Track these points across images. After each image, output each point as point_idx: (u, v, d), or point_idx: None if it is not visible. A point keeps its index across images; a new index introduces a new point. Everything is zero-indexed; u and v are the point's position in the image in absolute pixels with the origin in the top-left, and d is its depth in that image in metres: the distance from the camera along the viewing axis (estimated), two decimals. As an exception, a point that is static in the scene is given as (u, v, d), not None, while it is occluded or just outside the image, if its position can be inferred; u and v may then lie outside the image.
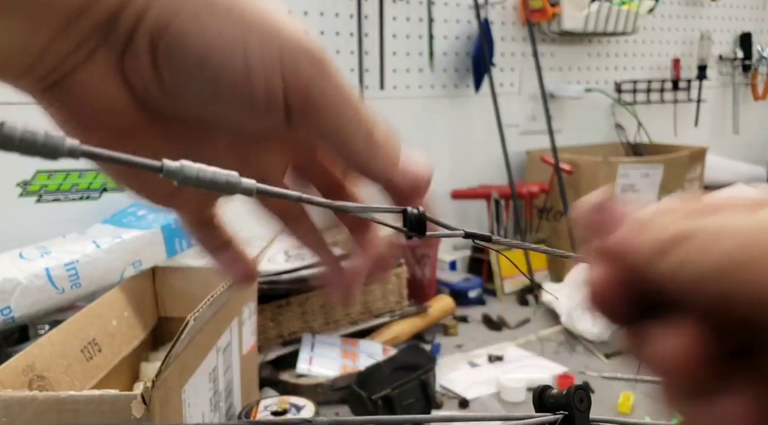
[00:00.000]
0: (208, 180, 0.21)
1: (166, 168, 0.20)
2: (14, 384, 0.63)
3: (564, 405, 0.29)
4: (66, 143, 0.18)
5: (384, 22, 1.51)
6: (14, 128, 0.17)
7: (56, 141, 0.18)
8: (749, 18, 2.35)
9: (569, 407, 0.28)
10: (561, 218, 1.63)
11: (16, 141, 0.17)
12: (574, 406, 0.28)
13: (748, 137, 2.39)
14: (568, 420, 0.28)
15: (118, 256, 0.97)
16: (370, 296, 1.26)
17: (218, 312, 0.79)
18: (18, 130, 0.17)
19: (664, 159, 1.67)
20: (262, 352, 1.12)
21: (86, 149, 0.18)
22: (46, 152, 0.18)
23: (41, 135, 0.17)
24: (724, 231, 0.19)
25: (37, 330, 0.95)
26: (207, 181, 0.21)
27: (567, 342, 1.29)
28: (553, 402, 0.29)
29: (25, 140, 0.17)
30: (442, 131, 1.69)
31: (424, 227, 0.26)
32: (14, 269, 0.92)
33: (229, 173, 0.21)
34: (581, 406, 0.29)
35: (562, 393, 0.29)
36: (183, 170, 0.20)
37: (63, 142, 0.18)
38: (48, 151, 0.18)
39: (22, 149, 0.17)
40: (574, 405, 0.28)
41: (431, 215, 0.27)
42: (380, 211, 0.26)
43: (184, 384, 0.67)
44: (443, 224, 0.27)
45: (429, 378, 1.02)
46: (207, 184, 0.21)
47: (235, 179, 0.21)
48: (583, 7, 1.73)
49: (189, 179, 0.20)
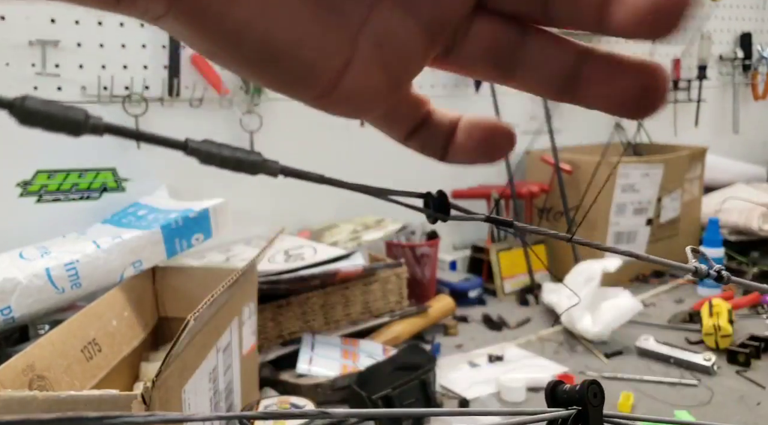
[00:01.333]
0: (233, 159, 0.20)
1: (191, 146, 0.20)
2: (14, 384, 0.63)
3: (577, 400, 0.28)
4: (90, 120, 0.18)
5: (384, 22, 1.51)
6: (38, 101, 0.17)
7: (78, 115, 0.18)
8: (749, 18, 2.35)
9: (582, 402, 0.28)
10: (561, 217, 1.63)
11: (39, 116, 0.17)
12: (588, 401, 0.28)
13: (748, 137, 2.39)
14: (582, 416, 0.28)
15: (118, 256, 0.97)
16: (370, 296, 1.26)
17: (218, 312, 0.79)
18: (41, 103, 0.17)
19: (664, 159, 1.67)
20: (262, 352, 1.12)
21: (108, 123, 0.18)
22: (69, 127, 0.17)
23: (63, 109, 0.17)
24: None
25: (37, 329, 0.95)
26: (231, 160, 0.20)
27: (567, 342, 1.29)
28: (566, 398, 0.29)
29: (49, 113, 0.17)
30: (442, 130, 1.68)
31: (448, 209, 0.26)
32: (14, 269, 0.92)
33: (251, 152, 0.20)
34: (595, 401, 0.28)
35: (575, 388, 0.28)
36: (207, 146, 0.20)
37: (85, 116, 0.18)
38: (71, 126, 0.17)
39: (44, 123, 0.17)
40: (588, 401, 0.28)
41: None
42: (404, 194, 0.26)
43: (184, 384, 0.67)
44: (464, 210, 0.26)
45: (429, 378, 1.02)
46: (231, 163, 0.20)
47: (258, 159, 0.21)
48: (583, 7, 1.73)
49: (213, 157, 0.20)
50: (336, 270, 1.17)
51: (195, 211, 1.07)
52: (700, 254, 0.32)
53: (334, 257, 1.21)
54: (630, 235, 1.63)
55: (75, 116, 0.17)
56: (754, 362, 1.16)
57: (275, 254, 1.23)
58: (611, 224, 1.60)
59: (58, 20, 1.16)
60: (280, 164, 0.21)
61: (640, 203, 1.63)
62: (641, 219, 1.64)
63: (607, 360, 1.20)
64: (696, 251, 0.32)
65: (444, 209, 0.26)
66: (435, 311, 1.33)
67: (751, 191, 1.92)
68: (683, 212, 1.74)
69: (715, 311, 1.25)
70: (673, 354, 1.18)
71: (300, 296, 1.18)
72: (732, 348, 1.18)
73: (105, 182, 1.23)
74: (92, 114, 0.18)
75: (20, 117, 0.17)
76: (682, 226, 1.75)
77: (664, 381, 1.11)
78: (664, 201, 1.69)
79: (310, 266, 1.18)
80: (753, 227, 1.72)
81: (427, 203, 0.26)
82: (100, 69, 1.21)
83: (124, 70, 1.23)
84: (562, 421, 0.28)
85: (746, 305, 1.43)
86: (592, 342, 1.26)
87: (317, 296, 1.19)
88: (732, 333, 1.21)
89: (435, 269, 1.48)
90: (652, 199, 1.64)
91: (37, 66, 1.14)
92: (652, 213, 1.66)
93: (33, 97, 0.17)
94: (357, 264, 1.21)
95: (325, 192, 1.55)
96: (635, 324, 1.33)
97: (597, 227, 1.59)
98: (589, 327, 1.26)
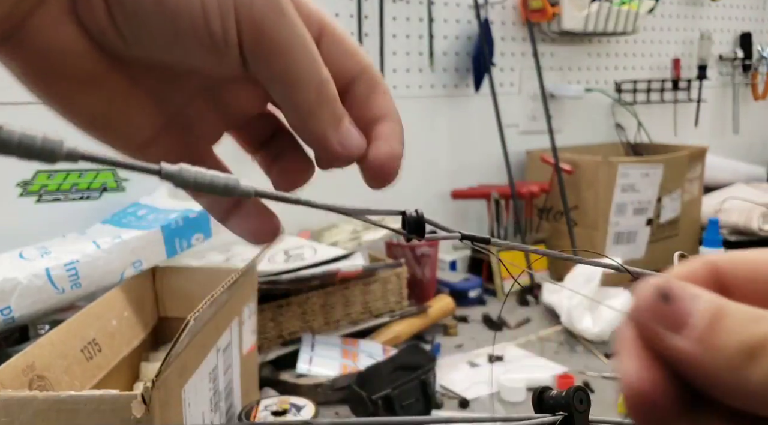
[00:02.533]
0: (207, 183, 0.21)
1: (165, 171, 0.20)
2: (14, 384, 0.63)
3: (563, 405, 0.29)
4: (64, 147, 0.18)
5: (384, 22, 1.51)
6: (12, 132, 0.17)
7: (54, 145, 0.18)
8: (749, 18, 2.35)
9: (569, 408, 0.28)
10: (561, 218, 1.63)
11: (14, 145, 0.17)
12: (574, 407, 0.28)
13: (748, 137, 2.39)
14: (568, 421, 0.28)
15: (118, 256, 0.97)
16: (370, 296, 1.26)
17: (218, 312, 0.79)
18: (16, 134, 0.17)
19: (664, 159, 1.67)
20: (262, 352, 1.12)
21: (84, 152, 0.18)
22: (45, 156, 0.18)
23: (39, 139, 0.17)
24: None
25: (37, 329, 0.95)
26: (205, 184, 0.21)
27: (567, 342, 1.29)
28: (553, 403, 0.29)
29: (23, 143, 0.17)
30: (442, 130, 1.69)
31: (423, 229, 0.26)
32: (14, 269, 0.92)
33: (227, 177, 0.21)
34: (581, 407, 0.29)
35: (562, 393, 0.29)
36: (181, 173, 0.20)
37: (61, 146, 0.18)
38: (46, 154, 0.18)
39: (20, 152, 0.17)
40: (574, 406, 0.28)
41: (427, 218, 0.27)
42: (379, 213, 0.26)
43: (184, 384, 0.67)
44: (441, 227, 0.27)
45: (429, 378, 1.02)
46: (206, 187, 0.21)
47: (233, 183, 0.21)
48: (583, 7, 1.73)
49: (187, 182, 0.20)
50: (336, 270, 1.17)
51: (195, 211, 1.07)
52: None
53: (334, 257, 1.21)
54: (630, 235, 1.63)
55: (50, 145, 0.18)
56: (754, 362, 1.16)
57: (275, 254, 1.23)
58: (611, 224, 1.60)
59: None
60: (255, 188, 0.22)
61: (640, 203, 1.63)
62: (641, 219, 1.64)
63: (607, 360, 1.20)
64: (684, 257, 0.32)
65: (420, 227, 0.27)
66: (435, 311, 1.33)
67: (751, 191, 1.92)
68: (683, 212, 1.74)
69: (715, 311, 1.25)
70: (673, 354, 1.18)
71: (300, 296, 1.18)
72: (732, 348, 1.18)
73: (105, 182, 1.23)
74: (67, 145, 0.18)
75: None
76: (682, 226, 1.75)
77: (664, 381, 1.11)
78: (664, 201, 1.69)
79: (310, 266, 1.18)
80: (753, 227, 1.72)
81: (404, 221, 0.27)
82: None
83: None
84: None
85: (746, 306, 1.43)
86: (592, 342, 1.27)
87: (317, 296, 1.19)
88: (732, 333, 1.20)
89: (435, 269, 1.48)
90: (652, 199, 1.64)
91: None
92: (652, 213, 1.66)
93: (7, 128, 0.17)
94: (357, 264, 1.21)
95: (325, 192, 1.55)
96: (635, 324, 1.33)
97: (597, 227, 1.59)
98: (589, 326, 1.26)
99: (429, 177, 1.68)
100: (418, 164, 1.64)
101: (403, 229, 0.26)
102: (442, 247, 1.57)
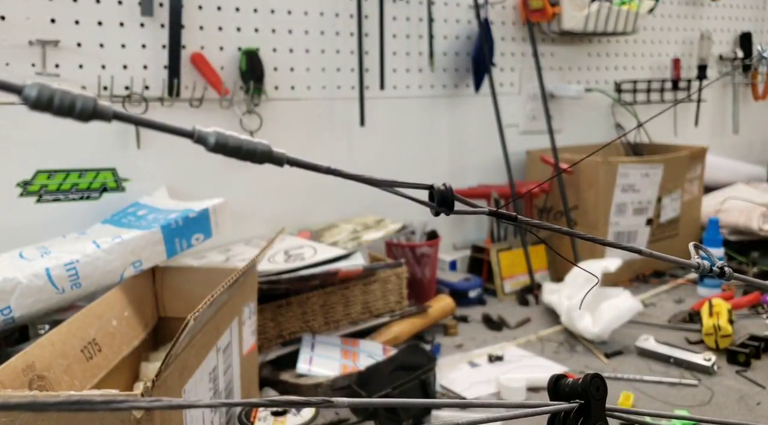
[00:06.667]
0: (243, 149, 0.20)
1: (198, 134, 0.20)
2: (14, 383, 0.63)
3: (579, 393, 0.28)
4: (98, 105, 0.18)
5: (384, 22, 1.51)
6: (50, 88, 0.17)
7: (88, 103, 0.18)
8: (749, 18, 2.35)
9: (585, 395, 0.28)
10: (561, 217, 1.64)
11: (50, 102, 0.17)
12: (591, 395, 0.28)
13: (748, 137, 2.39)
14: (584, 408, 0.28)
15: (118, 256, 0.97)
16: (370, 296, 1.26)
17: (218, 312, 0.79)
18: (52, 91, 0.17)
19: (664, 159, 1.67)
20: (262, 352, 1.12)
21: (117, 111, 0.18)
22: (79, 114, 0.18)
23: (74, 97, 0.18)
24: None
25: (37, 330, 0.95)
26: (241, 149, 0.20)
27: (567, 341, 1.29)
28: (569, 391, 0.29)
29: (60, 101, 0.17)
30: (442, 130, 1.69)
31: (452, 204, 0.26)
32: (14, 269, 0.92)
33: (260, 142, 0.21)
34: (597, 395, 0.28)
35: (578, 382, 0.28)
36: (216, 136, 0.20)
37: (93, 104, 0.18)
38: (80, 112, 0.18)
39: (55, 109, 0.17)
40: (591, 394, 0.28)
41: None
42: (408, 186, 0.26)
43: (184, 384, 0.67)
44: (469, 203, 0.27)
45: (429, 378, 1.02)
46: (241, 153, 0.20)
47: (266, 149, 0.21)
48: (583, 7, 1.73)
49: (222, 147, 0.20)
50: (336, 270, 1.17)
51: (195, 211, 1.07)
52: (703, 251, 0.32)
53: (334, 257, 1.21)
54: (630, 235, 1.63)
55: (85, 103, 0.18)
56: (754, 362, 1.16)
57: (275, 254, 1.23)
58: (611, 224, 1.60)
59: (58, 20, 1.16)
60: (287, 155, 0.21)
61: (640, 203, 1.63)
62: (641, 219, 1.64)
63: (607, 360, 1.20)
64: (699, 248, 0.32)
65: (448, 202, 0.26)
66: (435, 311, 1.33)
67: (751, 191, 1.92)
68: (683, 212, 1.75)
69: (715, 311, 1.25)
70: (673, 354, 1.18)
71: (300, 296, 1.18)
72: (732, 348, 1.18)
73: (105, 182, 1.23)
74: (101, 102, 0.18)
75: (30, 103, 0.17)
76: (682, 226, 1.75)
77: (664, 381, 1.11)
78: (664, 201, 1.69)
79: (310, 266, 1.18)
80: (753, 227, 1.72)
81: (432, 195, 0.26)
82: (100, 69, 1.21)
83: (124, 71, 1.23)
84: (565, 414, 0.28)
85: (746, 306, 1.43)
86: (592, 342, 1.27)
87: (317, 296, 1.19)
88: (732, 333, 1.21)
89: (435, 269, 1.48)
90: (652, 199, 1.65)
91: (37, 66, 1.14)
92: (652, 213, 1.66)
93: (45, 84, 0.17)
94: (357, 264, 1.21)
95: (325, 192, 1.55)
96: (635, 323, 1.33)
97: (597, 227, 1.59)
98: (589, 327, 1.26)
99: (429, 177, 1.67)
100: (417, 165, 1.64)
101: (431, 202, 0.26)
102: (442, 247, 1.57)
